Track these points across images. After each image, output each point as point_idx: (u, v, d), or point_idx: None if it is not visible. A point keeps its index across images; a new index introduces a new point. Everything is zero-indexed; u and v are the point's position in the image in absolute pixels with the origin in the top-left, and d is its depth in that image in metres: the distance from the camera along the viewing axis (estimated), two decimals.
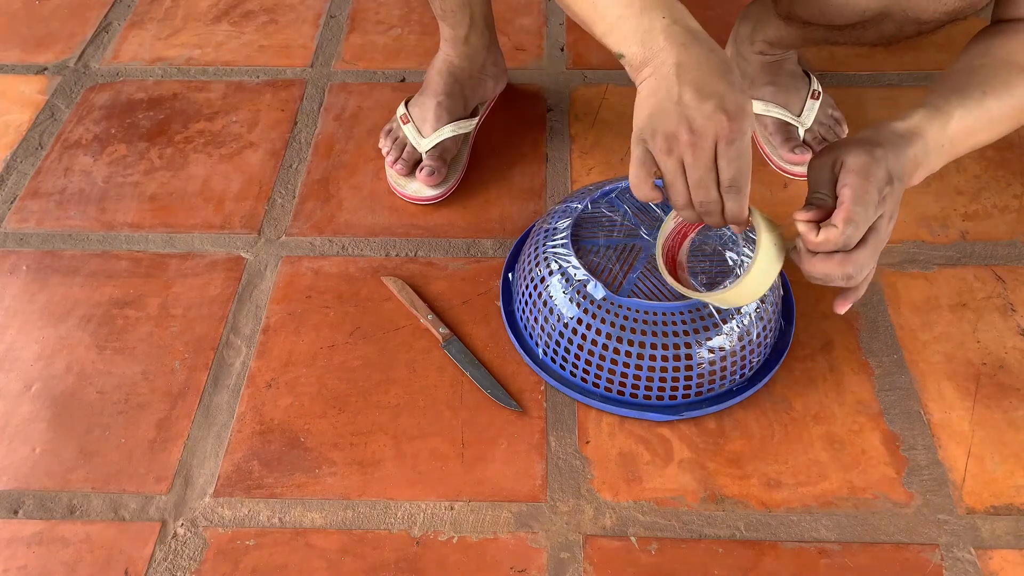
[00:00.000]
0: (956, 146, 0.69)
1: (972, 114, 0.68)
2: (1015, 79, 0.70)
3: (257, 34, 1.26)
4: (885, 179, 0.62)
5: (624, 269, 0.82)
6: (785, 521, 0.74)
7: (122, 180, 1.05)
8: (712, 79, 0.58)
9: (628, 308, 0.76)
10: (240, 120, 1.12)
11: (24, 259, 0.96)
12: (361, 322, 0.89)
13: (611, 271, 0.81)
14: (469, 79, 1.02)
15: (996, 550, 0.72)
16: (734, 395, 0.80)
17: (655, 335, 0.76)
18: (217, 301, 0.91)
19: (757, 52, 1.01)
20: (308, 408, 0.82)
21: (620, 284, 0.80)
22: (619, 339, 0.76)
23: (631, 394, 0.79)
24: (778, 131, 1.02)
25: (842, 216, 0.61)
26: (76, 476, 0.78)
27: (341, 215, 1.00)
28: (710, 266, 0.81)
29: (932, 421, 0.80)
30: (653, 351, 0.76)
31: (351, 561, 0.72)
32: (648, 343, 0.76)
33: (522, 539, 0.73)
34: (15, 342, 0.88)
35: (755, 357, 0.81)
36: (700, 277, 0.80)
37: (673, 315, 0.76)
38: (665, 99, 0.59)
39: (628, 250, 0.83)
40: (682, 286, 0.74)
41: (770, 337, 0.82)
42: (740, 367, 0.79)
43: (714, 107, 0.57)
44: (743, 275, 0.66)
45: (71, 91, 1.17)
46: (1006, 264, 0.93)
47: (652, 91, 0.60)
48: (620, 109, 1.12)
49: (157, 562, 0.72)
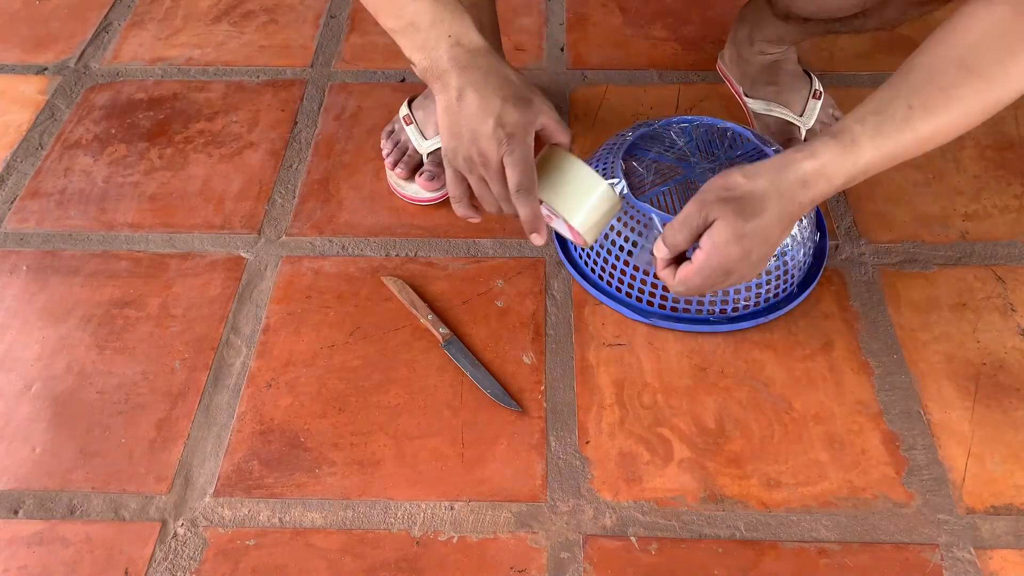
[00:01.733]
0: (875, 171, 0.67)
1: (892, 140, 0.64)
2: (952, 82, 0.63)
3: (257, 34, 1.26)
4: (741, 255, 0.67)
5: (655, 182, 0.88)
6: (785, 521, 0.74)
7: (122, 180, 1.05)
8: (489, 99, 0.64)
9: (639, 211, 0.82)
10: (240, 120, 1.12)
11: (24, 259, 0.96)
12: (361, 322, 0.89)
13: (645, 179, 0.88)
14: None
15: (996, 550, 0.72)
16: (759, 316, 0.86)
17: None
18: (217, 301, 0.91)
19: (758, 53, 1.01)
20: (308, 408, 0.82)
21: (644, 191, 0.87)
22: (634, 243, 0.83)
23: (659, 305, 0.85)
24: (779, 132, 1.02)
25: (680, 277, 0.70)
26: (76, 476, 0.78)
27: (341, 215, 1.00)
28: None
29: (932, 421, 0.80)
30: None
31: (351, 561, 0.72)
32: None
33: (522, 539, 0.73)
34: (15, 342, 0.88)
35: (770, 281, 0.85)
36: None
37: None
38: (455, 122, 0.66)
39: (670, 170, 0.90)
40: None
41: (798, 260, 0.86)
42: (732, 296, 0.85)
43: (493, 126, 0.64)
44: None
45: (71, 91, 1.17)
46: (1006, 264, 0.93)
47: (443, 110, 0.67)
48: (620, 109, 1.12)
49: (157, 562, 0.72)
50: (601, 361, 0.85)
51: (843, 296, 0.90)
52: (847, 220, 0.97)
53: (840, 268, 0.93)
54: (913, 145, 0.65)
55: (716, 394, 0.82)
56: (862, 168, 0.65)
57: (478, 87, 0.65)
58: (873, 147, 0.64)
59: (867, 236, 0.96)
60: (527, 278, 0.93)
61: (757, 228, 0.66)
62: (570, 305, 0.90)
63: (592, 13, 1.28)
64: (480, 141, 0.65)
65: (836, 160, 0.64)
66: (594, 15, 1.27)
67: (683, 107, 1.12)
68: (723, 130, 0.94)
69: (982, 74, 0.63)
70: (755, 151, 0.91)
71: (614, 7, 1.28)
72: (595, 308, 0.90)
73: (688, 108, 1.12)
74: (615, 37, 1.23)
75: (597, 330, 0.88)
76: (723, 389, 0.83)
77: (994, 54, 0.62)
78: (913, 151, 0.65)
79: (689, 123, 0.94)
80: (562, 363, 0.85)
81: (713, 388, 0.83)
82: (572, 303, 0.90)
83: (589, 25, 1.26)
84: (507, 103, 0.64)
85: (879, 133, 0.64)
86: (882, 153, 0.64)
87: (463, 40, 0.65)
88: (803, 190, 0.65)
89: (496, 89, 0.65)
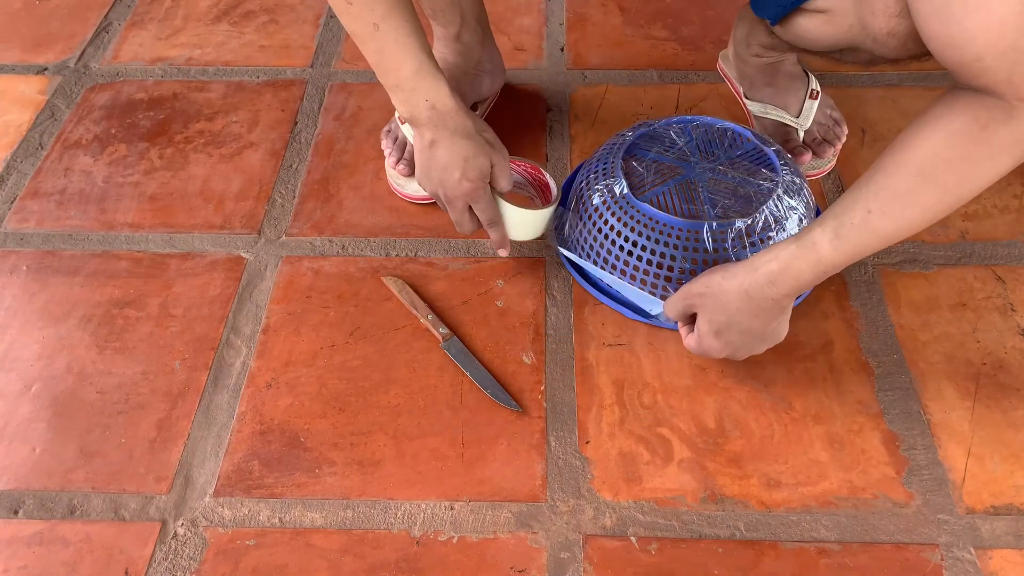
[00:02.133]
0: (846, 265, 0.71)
1: (850, 241, 0.69)
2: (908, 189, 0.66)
3: (257, 34, 1.26)
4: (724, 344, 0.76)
5: (655, 182, 0.89)
6: (785, 521, 0.74)
7: (122, 180, 1.05)
8: (454, 154, 0.81)
9: (639, 211, 0.84)
10: (240, 120, 1.12)
11: (24, 259, 0.96)
12: (361, 322, 0.89)
13: (645, 179, 0.89)
14: (464, 76, 1.02)
15: (996, 550, 0.72)
16: None
17: (661, 244, 0.83)
18: (217, 301, 0.91)
19: (753, 55, 1.01)
20: (308, 408, 0.82)
21: (644, 191, 0.87)
22: (634, 243, 0.84)
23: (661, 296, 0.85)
24: (776, 133, 1.02)
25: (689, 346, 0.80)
26: (76, 476, 0.78)
27: (341, 215, 1.00)
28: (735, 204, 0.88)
29: (932, 421, 0.80)
30: (662, 260, 0.84)
31: (351, 561, 0.72)
32: (658, 251, 0.83)
33: (522, 539, 0.73)
34: (15, 342, 0.88)
35: None
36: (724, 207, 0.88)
37: (673, 228, 0.83)
38: (427, 165, 0.83)
39: (670, 169, 0.90)
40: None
41: None
42: None
43: (459, 177, 0.81)
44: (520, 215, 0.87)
45: (71, 91, 1.17)
46: (1006, 264, 0.93)
47: (418, 151, 0.83)
48: (620, 109, 1.12)
49: (157, 562, 0.72)
50: (601, 361, 0.85)
51: (843, 296, 0.90)
52: None
53: None
54: (875, 242, 0.69)
55: (716, 394, 0.82)
56: (825, 267, 0.70)
57: (446, 144, 0.81)
58: (832, 248, 0.69)
59: None
60: (527, 278, 0.93)
61: (730, 323, 0.75)
62: (570, 305, 0.90)
63: (592, 13, 1.28)
64: (447, 186, 0.83)
65: (797, 262, 0.71)
66: (594, 15, 1.27)
67: (683, 107, 1.12)
68: (723, 130, 0.94)
69: (938, 183, 0.66)
70: (755, 150, 0.91)
71: (614, 7, 1.28)
72: (595, 308, 0.90)
73: (688, 108, 1.12)
74: (615, 37, 1.23)
75: (597, 330, 0.88)
76: (723, 389, 0.83)
77: (950, 165, 0.65)
78: (877, 246, 0.70)
79: (689, 123, 0.94)
80: (562, 363, 0.85)
81: (713, 388, 0.83)
82: (572, 303, 0.90)
83: (589, 25, 1.26)
84: (467, 160, 0.81)
85: (837, 236, 0.69)
86: (842, 252, 0.69)
87: (437, 104, 0.80)
88: (771, 288, 0.72)
89: (460, 148, 0.81)
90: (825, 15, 0.79)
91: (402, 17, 0.77)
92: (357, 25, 0.77)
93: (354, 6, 0.76)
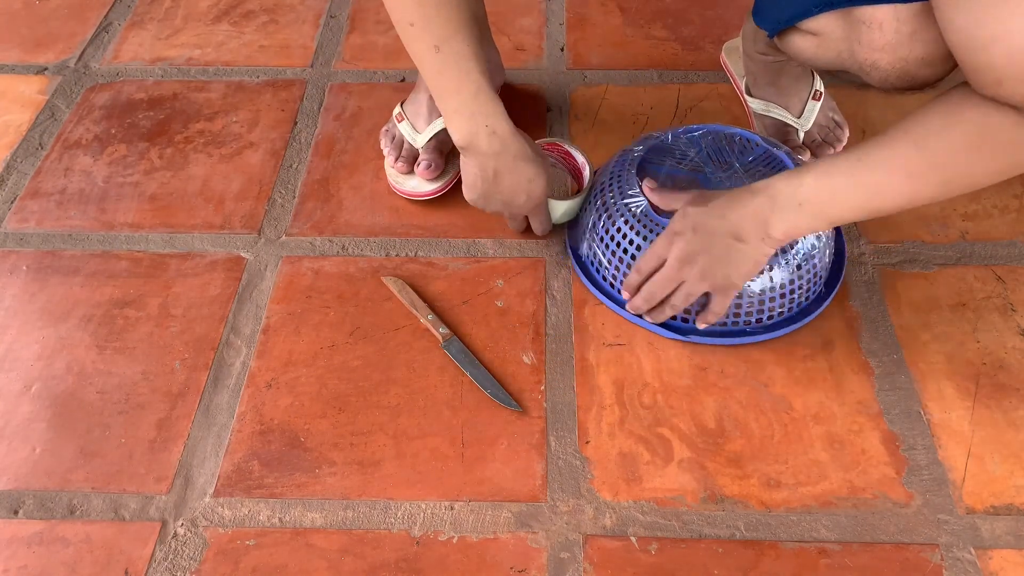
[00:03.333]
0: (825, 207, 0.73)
1: (834, 180, 0.72)
2: (903, 153, 0.69)
3: (257, 34, 1.26)
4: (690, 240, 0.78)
5: None
6: (785, 521, 0.74)
7: (122, 180, 1.05)
8: (518, 179, 0.83)
9: (663, 228, 0.83)
10: (240, 120, 1.12)
11: (24, 259, 0.96)
12: (361, 322, 0.89)
13: None
14: None
15: (996, 550, 0.72)
16: (771, 330, 0.86)
17: None
18: (217, 301, 0.91)
19: (760, 52, 1.01)
20: (308, 408, 0.82)
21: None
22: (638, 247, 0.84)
23: (682, 318, 0.85)
24: (777, 132, 1.02)
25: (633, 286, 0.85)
26: (76, 476, 0.78)
27: (341, 215, 1.00)
28: None
29: (932, 421, 0.80)
30: None
31: (351, 561, 0.72)
32: None
33: (522, 539, 0.73)
34: (15, 342, 0.88)
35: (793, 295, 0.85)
36: None
37: None
38: (489, 191, 0.85)
39: (688, 182, 0.90)
40: None
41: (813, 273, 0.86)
42: (767, 305, 0.84)
43: (524, 200, 0.86)
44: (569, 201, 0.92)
45: (71, 91, 1.17)
46: (1006, 264, 0.93)
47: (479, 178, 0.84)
48: (620, 110, 1.12)
49: (157, 562, 0.72)
50: (601, 361, 0.85)
51: (843, 296, 0.90)
52: None
53: None
54: (855, 191, 0.71)
55: (716, 394, 0.82)
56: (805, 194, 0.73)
57: (509, 170, 0.83)
58: (813, 178, 0.72)
59: (867, 236, 0.96)
60: (527, 278, 0.93)
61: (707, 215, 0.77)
62: (570, 305, 0.90)
63: (592, 13, 1.28)
64: (512, 207, 0.88)
65: (780, 182, 0.74)
66: (594, 15, 1.27)
67: (683, 107, 1.12)
68: (731, 136, 0.93)
69: (935, 161, 0.68)
70: (766, 155, 0.91)
71: (614, 7, 1.28)
72: (595, 308, 0.90)
73: (688, 108, 1.12)
74: (615, 37, 1.23)
75: (597, 330, 0.88)
76: (723, 389, 0.83)
77: (950, 145, 0.67)
78: (856, 199, 0.72)
79: (696, 132, 0.94)
80: (562, 363, 0.85)
81: (713, 388, 0.83)
82: (572, 303, 0.90)
83: (589, 25, 1.26)
84: (531, 182, 0.84)
85: (824, 173, 0.72)
86: (822, 185, 0.72)
87: (498, 129, 0.80)
88: (751, 197, 0.75)
89: (523, 172, 0.83)
90: (817, 38, 0.81)
91: (464, 40, 0.76)
92: (418, 46, 0.77)
93: (416, 27, 0.75)
